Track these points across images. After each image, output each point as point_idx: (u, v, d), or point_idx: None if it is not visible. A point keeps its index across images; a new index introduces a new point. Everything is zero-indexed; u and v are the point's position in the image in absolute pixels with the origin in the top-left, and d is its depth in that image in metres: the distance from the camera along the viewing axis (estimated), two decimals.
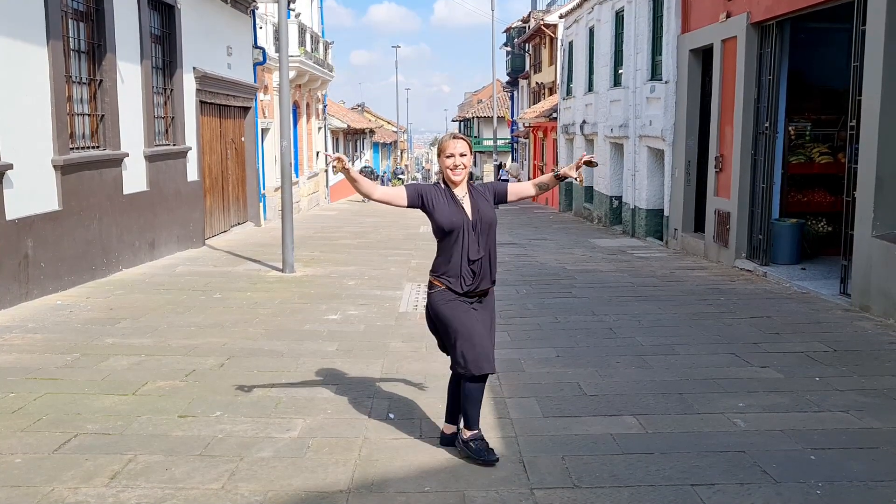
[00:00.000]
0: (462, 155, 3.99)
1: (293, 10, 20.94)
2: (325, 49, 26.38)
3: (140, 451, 4.11)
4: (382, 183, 27.97)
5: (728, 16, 11.23)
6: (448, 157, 4.00)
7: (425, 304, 4.15)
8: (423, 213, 4.04)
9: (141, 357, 5.97)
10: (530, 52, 37.30)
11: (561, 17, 26.39)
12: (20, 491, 3.63)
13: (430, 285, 4.06)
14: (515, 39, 40.48)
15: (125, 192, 10.27)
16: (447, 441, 4.19)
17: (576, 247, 14.27)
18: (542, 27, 31.42)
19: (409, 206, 4.04)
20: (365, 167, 27.94)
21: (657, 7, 14.91)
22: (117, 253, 9.99)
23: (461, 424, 4.08)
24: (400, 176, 29.58)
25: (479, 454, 3.95)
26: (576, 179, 4.01)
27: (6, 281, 7.59)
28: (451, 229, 3.94)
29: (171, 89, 12.21)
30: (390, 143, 61.45)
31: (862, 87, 7.84)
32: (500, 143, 39.12)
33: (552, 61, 30.52)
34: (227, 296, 8.67)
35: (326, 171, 28.34)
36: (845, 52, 8.72)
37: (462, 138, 4.10)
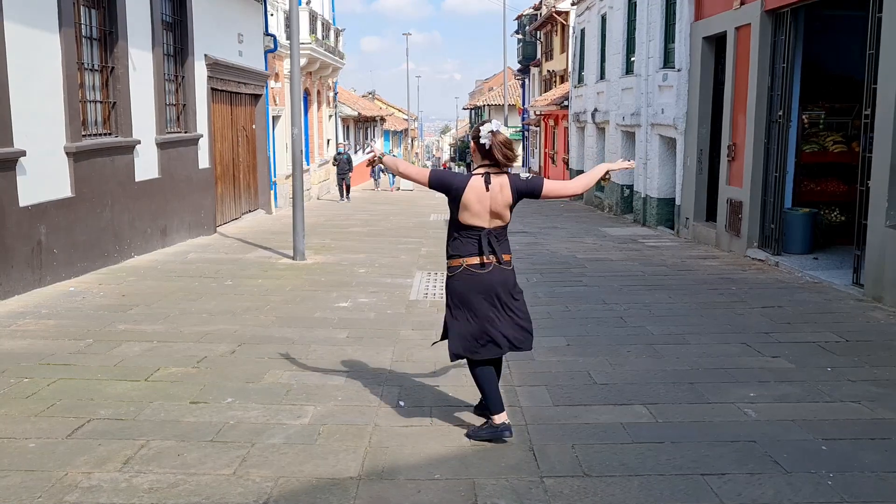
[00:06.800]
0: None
1: None
2: (336, 36, 26.31)
3: (152, 436, 4.14)
4: (349, 168, 25.36)
5: (742, 3, 11.12)
6: None
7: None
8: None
9: (153, 343, 6.01)
10: (542, 39, 37.10)
11: (573, 4, 26.20)
12: (34, 475, 3.67)
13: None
14: (527, 27, 40.26)
15: (137, 179, 10.31)
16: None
17: (586, 235, 14.24)
18: (554, 14, 31.24)
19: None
20: (339, 153, 25.17)
21: None
22: (129, 240, 10.04)
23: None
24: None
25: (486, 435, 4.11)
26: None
27: (20, 267, 7.64)
28: None
29: (183, 76, 12.22)
30: (401, 131, 61.38)
31: (877, 76, 7.76)
32: (510, 131, 38.98)
33: (564, 49, 30.36)
34: (239, 283, 8.70)
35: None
36: (860, 39, 8.61)
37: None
